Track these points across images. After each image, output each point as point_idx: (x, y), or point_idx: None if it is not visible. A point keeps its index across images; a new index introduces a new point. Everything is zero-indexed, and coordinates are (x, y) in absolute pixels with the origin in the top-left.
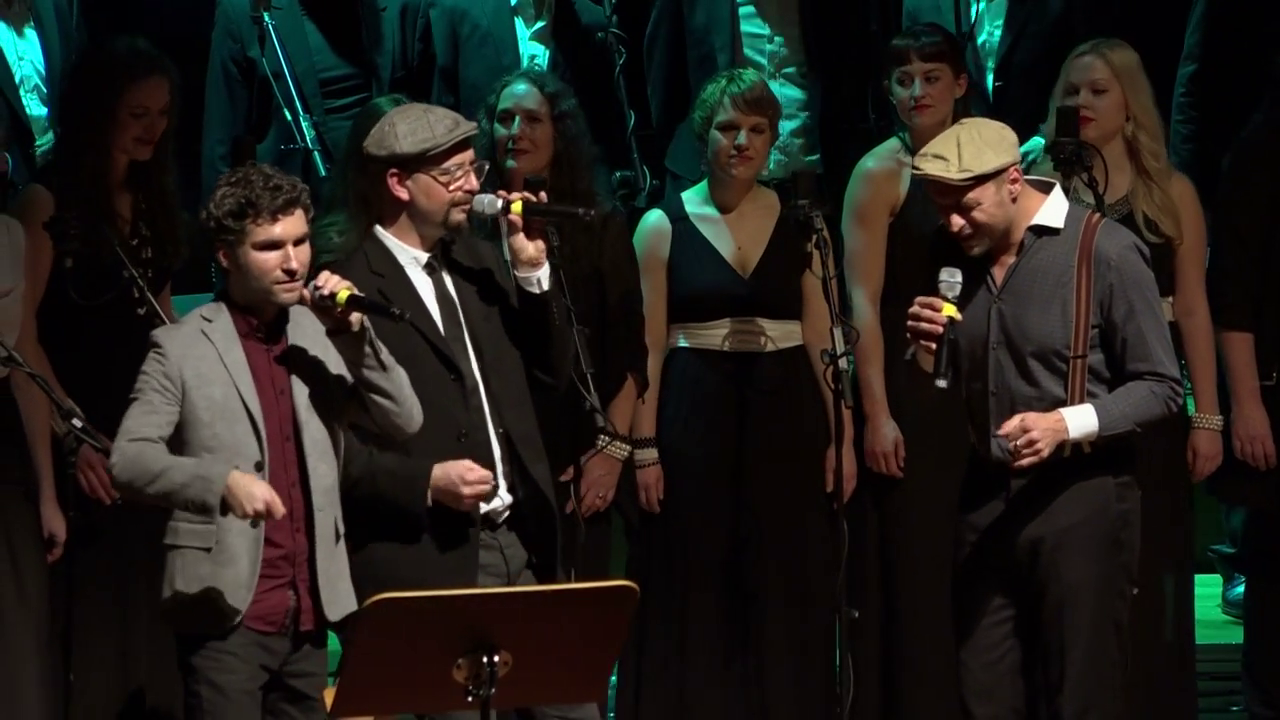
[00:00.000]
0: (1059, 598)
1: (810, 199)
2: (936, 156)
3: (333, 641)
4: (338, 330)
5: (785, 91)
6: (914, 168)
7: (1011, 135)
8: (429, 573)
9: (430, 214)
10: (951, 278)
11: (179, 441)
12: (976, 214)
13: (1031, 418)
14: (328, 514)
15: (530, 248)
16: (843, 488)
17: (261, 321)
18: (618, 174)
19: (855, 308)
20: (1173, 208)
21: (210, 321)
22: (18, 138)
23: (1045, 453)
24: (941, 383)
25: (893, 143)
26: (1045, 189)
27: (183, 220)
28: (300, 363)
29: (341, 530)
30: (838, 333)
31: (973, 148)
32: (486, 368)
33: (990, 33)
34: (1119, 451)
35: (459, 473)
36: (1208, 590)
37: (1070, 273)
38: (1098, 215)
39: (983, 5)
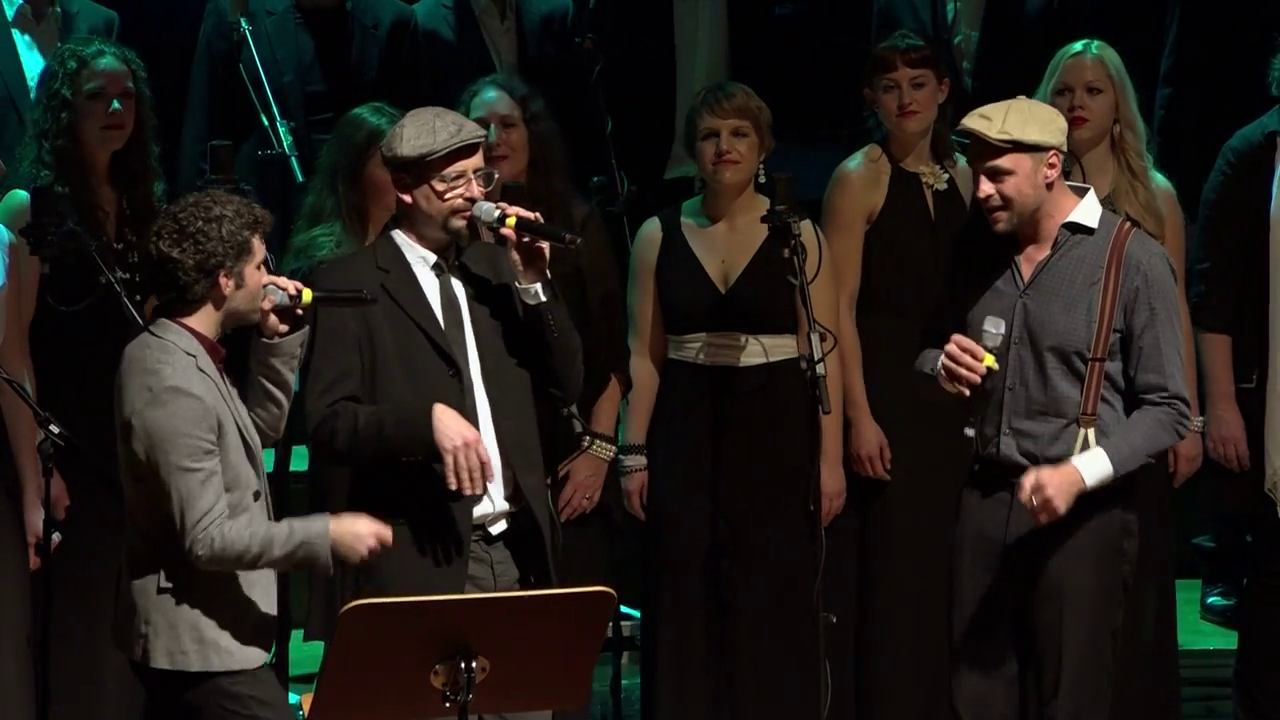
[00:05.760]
0: (1058, 604)
1: (788, 204)
2: (983, 116)
3: (315, 647)
4: (288, 332)
5: None
6: (957, 128)
7: (1062, 122)
8: (419, 581)
9: (431, 219)
10: (995, 328)
11: None
12: (1007, 184)
13: (1045, 475)
14: None
15: (525, 261)
16: (823, 503)
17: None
18: (595, 179)
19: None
20: (1155, 207)
21: (193, 355)
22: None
23: (1063, 509)
24: (970, 432)
25: (871, 148)
26: (1080, 192)
27: None
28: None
29: None
30: (814, 338)
31: (1019, 117)
32: (487, 373)
33: (966, 34)
34: None
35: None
36: (1188, 595)
37: (1100, 273)
38: (1129, 224)
39: (959, 5)
